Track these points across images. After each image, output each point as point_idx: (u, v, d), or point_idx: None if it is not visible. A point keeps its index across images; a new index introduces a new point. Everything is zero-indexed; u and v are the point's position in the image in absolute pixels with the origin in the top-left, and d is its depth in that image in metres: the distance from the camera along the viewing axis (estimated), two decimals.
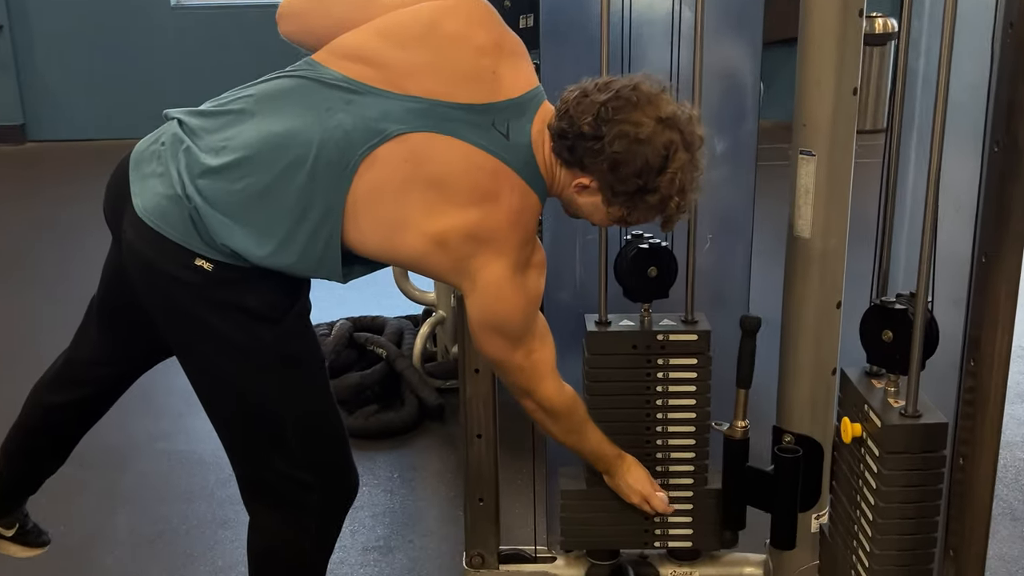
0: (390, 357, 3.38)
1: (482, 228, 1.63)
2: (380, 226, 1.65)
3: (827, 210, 1.74)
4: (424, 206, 1.62)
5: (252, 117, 1.67)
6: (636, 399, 1.98)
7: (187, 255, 1.63)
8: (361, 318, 3.76)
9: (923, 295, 1.57)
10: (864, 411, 1.64)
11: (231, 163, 1.62)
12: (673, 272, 1.96)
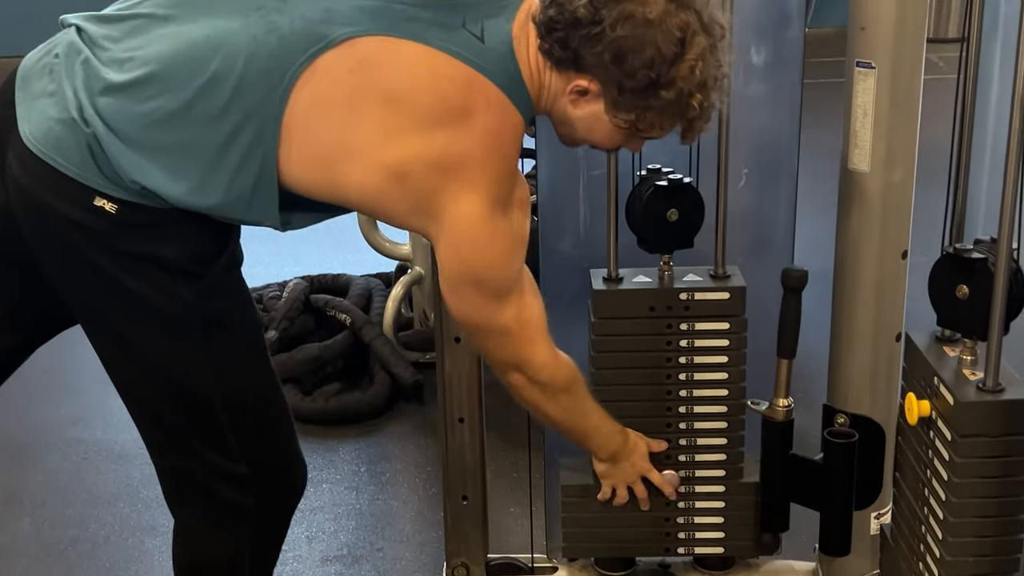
0: (356, 325, 3.38)
1: (450, 154, 1.61)
2: (321, 154, 1.63)
3: (890, 137, 1.75)
4: (377, 128, 1.61)
5: (166, 23, 1.64)
6: (654, 372, 1.98)
7: (86, 193, 1.61)
8: (320, 276, 3.77)
9: (1007, 241, 1.55)
10: (934, 385, 1.63)
11: (138, 79, 1.60)
12: (699, 216, 1.94)
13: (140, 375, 1.77)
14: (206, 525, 1.86)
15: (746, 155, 2.14)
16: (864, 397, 1.86)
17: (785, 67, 2.16)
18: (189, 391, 1.75)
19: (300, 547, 2.65)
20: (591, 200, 2.17)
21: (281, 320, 3.41)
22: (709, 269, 1.98)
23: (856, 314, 1.84)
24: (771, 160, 2.22)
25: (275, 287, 3.78)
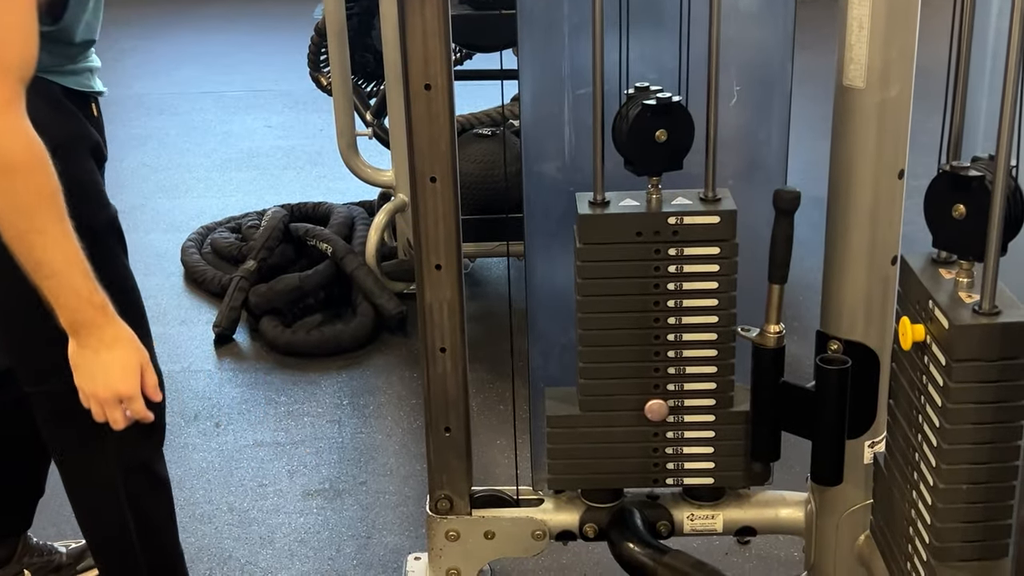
0: (337, 254, 3.40)
1: None
2: None
3: (887, 50, 1.73)
4: None
5: None
6: (641, 300, 1.97)
7: None
8: (301, 205, 3.80)
9: (1005, 158, 1.53)
10: (929, 309, 1.63)
11: None
12: (689, 136, 1.93)
13: None
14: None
15: (737, 73, 2.12)
16: (858, 322, 1.86)
17: None
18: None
19: (281, 481, 2.68)
20: (576, 121, 2.15)
21: (260, 250, 3.43)
22: (699, 192, 1.96)
23: (851, 236, 1.83)
24: (763, 78, 2.20)
25: (254, 215, 3.81)
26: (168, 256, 3.78)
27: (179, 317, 3.45)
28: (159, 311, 3.44)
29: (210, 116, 5.03)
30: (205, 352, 3.27)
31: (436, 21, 1.90)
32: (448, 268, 2.04)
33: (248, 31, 6.29)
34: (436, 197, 2.01)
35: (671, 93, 1.93)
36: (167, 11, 6.49)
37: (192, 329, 3.38)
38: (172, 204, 4.17)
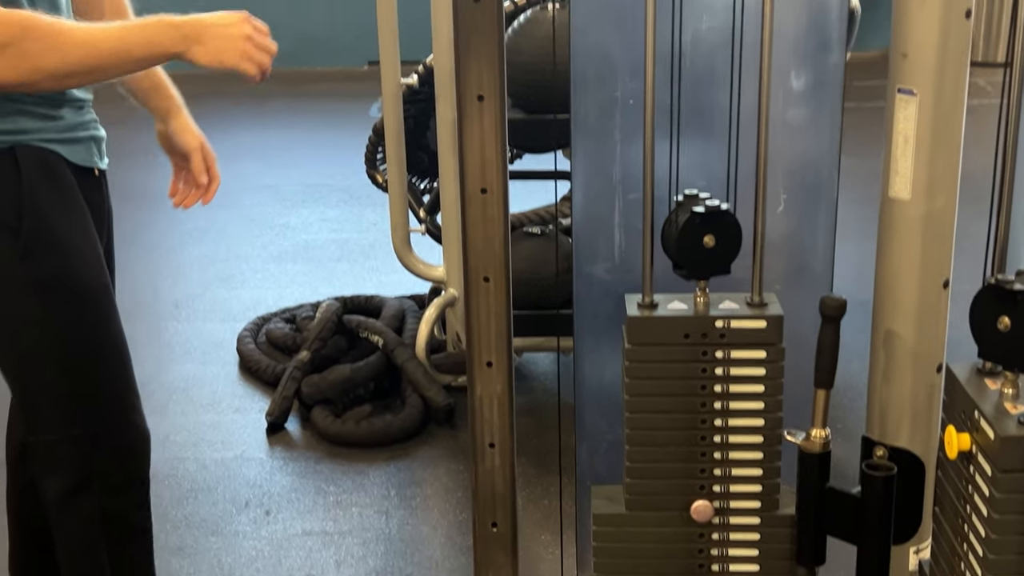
0: (388, 347, 3.41)
1: None
2: None
3: (932, 164, 1.74)
4: None
5: None
6: (688, 401, 1.96)
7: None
8: (354, 297, 3.83)
9: None
10: (975, 419, 1.62)
11: None
12: (736, 241, 1.92)
13: None
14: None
15: (784, 180, 2.14)
16: (903, 429, 1.85)
17: (825, 92, 2.16)
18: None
19: (328, 571, 2.67)
20: (626, 224, 2.18)
21: (313, 341, 3.46)
22: (746, 296, 1.96)
23: (896, 344, 1.83)
24: (810, 185, 2.22)
25: (308, 307, 3.84)
26: (224, 345, 3.80)
27: (233, 405, 3.47)
28: (214, 399, 3.48)
29: (268, 209, 5.09)
30: (257, 440, 3.28)
31: (494, 129, 1.92)
32: (499, 365, 2.04)
33: (305, 128, 6.39)
34: (489, 296, 2.02)
35: (719, 200, 1.93)
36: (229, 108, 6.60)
37: (245, 417, 3.40)
38: (229, 294, 4.21)
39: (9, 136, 1.84)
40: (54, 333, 1.95)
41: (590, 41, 2.17)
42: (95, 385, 2.02)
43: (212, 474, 3.11)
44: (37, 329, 1.94)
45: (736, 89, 1.99)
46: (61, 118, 1.92)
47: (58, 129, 1.91)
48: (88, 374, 2.00)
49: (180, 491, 2.99)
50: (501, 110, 1.93)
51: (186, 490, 3.02)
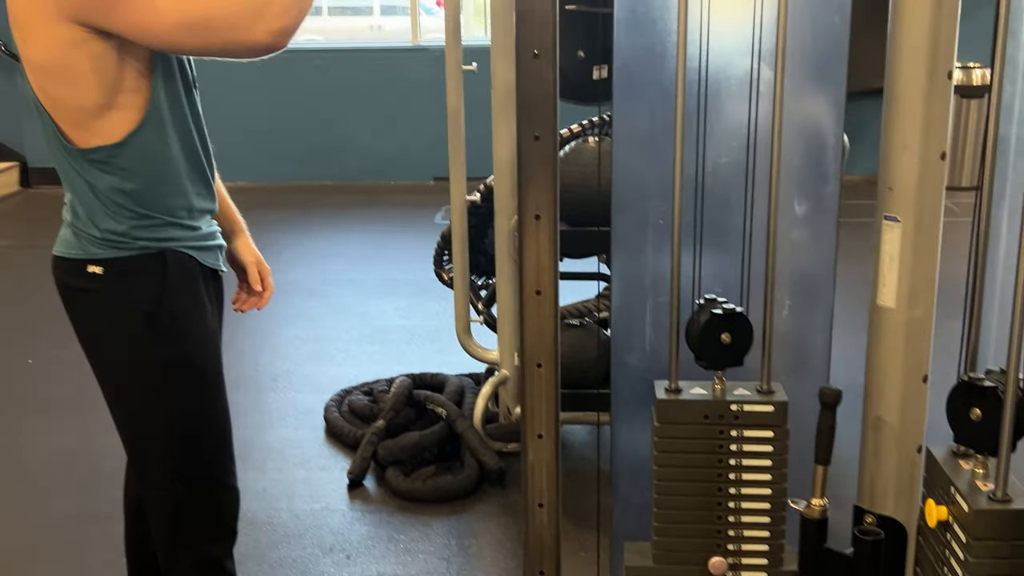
0: (450, 417, 3.41)
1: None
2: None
3: (912, 278, 1.74)
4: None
5: None
6: (707, 472, 1.96)
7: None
8: (421, 375, 3.83)
9: (1015, 371, 1.55)
10: (950, 493, 1.62)
11: None
12: (748, 339, 1.94)
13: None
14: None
15: (789, 288, 2.15)
16: (889, 500, 1.83)
17: (823, 216, 2.18)
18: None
19: None
20: (655, 322, 2.19)
21: (388, 411, 3.46)
22: (756, 384, 1.97)
23: (883, 428, 1.82)
24: (810, 292, 2.23)
25: (384, 383, 3.85)
26: (313, 413, 3.81)
27: (320, 464, 3.47)
28: (304, 458, 3.48)
29: (350, 299, 5.11)
30: (340, 494, 3.27)
31: (548, 242, 1.95)
32: (548, 437, 2.05)
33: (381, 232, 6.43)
34: (541, 379, 2.03)
35: (734, 304, 1.95)
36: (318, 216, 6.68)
37: (330, 474, 3.39)
38: (318, 370, 4.23)
39: (162, 242, 1.89)
40: (171, 406, 1.96)
41: (628, 170, 2.20)
42: (200, 453, 2.02)
43: (302, 522, 3.10)
44: (157, 401, 1.95)
45: (749, 212, 2.01)
46: (199, 228, 1.96)
47: (196, 238, 1.95)
48: (194, 443, 2.01)
49: (275, 536, 3.00)
50: (554, 227, 1.96)
51: (280, 536, 3.03)
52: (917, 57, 1.65)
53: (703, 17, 1.98)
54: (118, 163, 1.81)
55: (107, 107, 1.77)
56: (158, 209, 1.87)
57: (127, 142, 1.80)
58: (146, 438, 1.99)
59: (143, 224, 1.86)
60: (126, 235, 1.86)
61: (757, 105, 2.00)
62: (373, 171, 7.38)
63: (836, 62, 2.11)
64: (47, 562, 2.92)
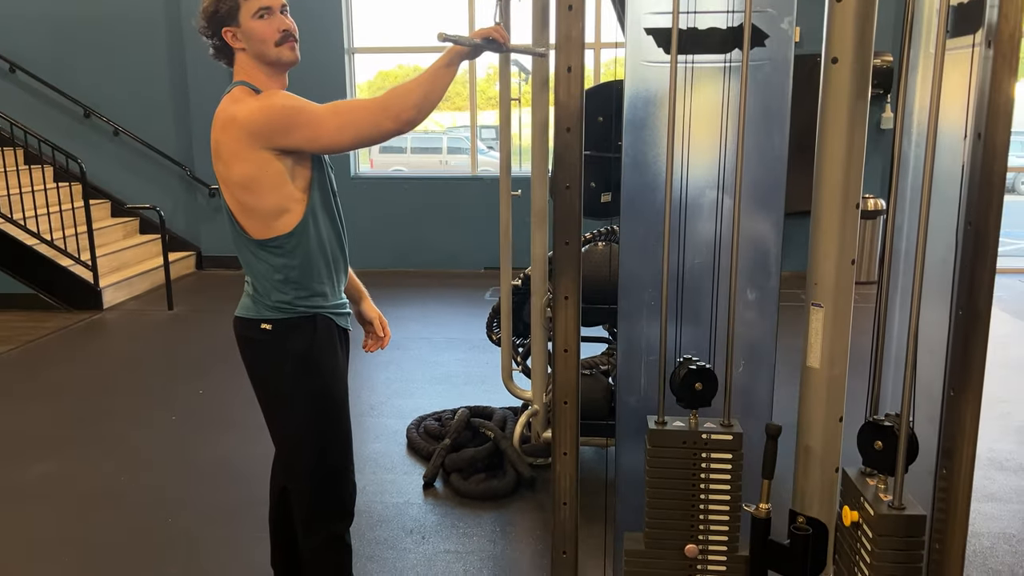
0: (496, 438, 3.41)
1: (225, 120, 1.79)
2: (233, 192, 1.83)
3: (832, 347, 1.75)
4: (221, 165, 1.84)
5: None
6: (685, 482, 1.96)
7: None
8: (476, 407, 3.83)
9: (906, 415, 1.57)
10: (860, 502, 1.62)
11: None
12: (714, 387, 1.96)
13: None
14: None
15: (744, 352, 2.15)
16: (815, 506, 1.82)
17: (767, 301, 2.18)
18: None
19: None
20: (647, 373, 2.19)
21: (452, 433, 3.47)
22: (720, 420, 1.97)
23: (810, 454, 1.81)
24: (758, 355, 2.22)
25: (449, 412, 3.85)
26: (399, 433, 3.80)
27: (403, 470, 3.46)
28: (391, 465, 3.47)
29: (425, 352, 5.11)
30: (417, 492, 3.25)
31: (575, 316, 1.98)
32: (571, 454, 2.04)
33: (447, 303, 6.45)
34: (567, 413, 2.04)
35: (704, 362, 1.96)
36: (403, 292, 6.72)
37: (410, 478, 3.38)
38: (402, 402, 4.22)
39: (312, 308, 1.92)
40: (314, 424, 1.98)
41: (630, 267, 2.21)
42: (331, 455, 2.02)
43: (390, 511, 3.08)
44: (304, 417, 1.96)
45: (715, 298, 2.04)
46: (340, 297, 1.99)
47: (335, 306, 1.98)
48: (328, 448, 2.01)
49: (371, 521, 3.00)
50: (578, 305, 2.00)
51: (375, 520, 3.01)
52: (834, 193, 1.69)
53: (683, 162, 2.04)
54: (286, 248, 1.86)
55: (282, 210, 1.83)
56: (311, 284, 1.90)
57: (292, 233, 1.84)
58: (295, 443, 2.00)
59: (301, 295, 1.90)
60: (289, 303, 1.89)
61: (720, 223, 2.04)
62: (441, 262, 7.47)
63: (776, 193, 2.14)
64: (212, 536, 2.94)
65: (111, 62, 7.11)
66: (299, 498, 2.05)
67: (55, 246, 5.98)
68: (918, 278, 1.53)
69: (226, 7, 1.78)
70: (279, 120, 1.74)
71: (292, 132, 1.74)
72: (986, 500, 3.12)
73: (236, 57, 1.82)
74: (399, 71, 8.95)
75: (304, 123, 1.74)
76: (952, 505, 1.54)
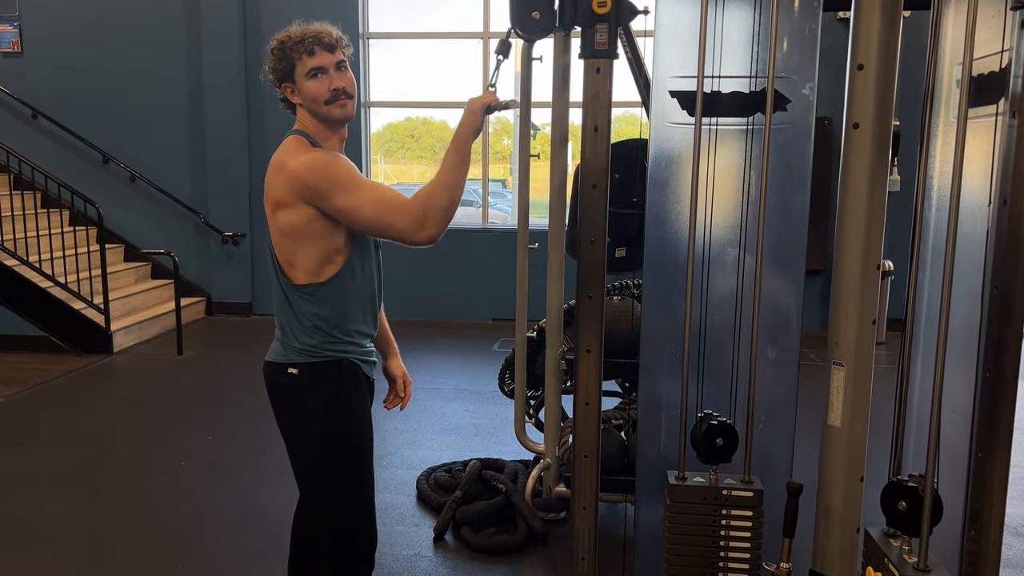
0: (508, 491, 3.38)
1: (277, 169, 1.83)
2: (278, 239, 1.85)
3: (853, 406, 1.76)
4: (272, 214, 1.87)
5: None
6: (705, 539, 1.96)
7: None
8: (488, 459, 3.80)
9: (931, 476, 1.57)
10: (884, 563, 1.62)
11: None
12: (735, 443, 1.97)
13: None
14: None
15: (763, 409, 2.16)
16: (836, 567, 1.81)
17: (787, 359, 2.21)
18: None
19: None
20: (669, 429, 2.20)
21: (464, 484, 3.43)
22: (740, 476, 1.99)
23: (831, 514, 1.81)
24: (778, 412, 2.23)
25: (460, 463, 3.82)
26: (408, 484, 3.77)
27: (413, 521, 3.42)
28: (402, 517, 3.43)
29: (434, 403, 5.08)
30: (427, 544, 3.21)
31: (596, 368, 2.00)
32: (590, 508, 2.06)
33: (455, 354, 6.44)
34: (587, 467, 2.05)
35: (725, 417, 1.99)
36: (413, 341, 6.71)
37: (420, 529, 3.34)
38: (411, 453, 4.18)
39: (340, 353, 1.93)
40: (340, 468, 1.95)
41: (652, 321, 2.23)
42: (354, 501, 2.00)
43: (401, 564, 3.04)
44: (331, 465, 1.94)
45: (736, 356, 2.06)
46: (364, 346, 2.00)
47: (362, 354, 2.00)
48: (353, 494, 1.99)
49: (380, 573, 2.95)
50: (600, 358, 2.02)
51: (385, 572, 2.97)
52: (856, 254, 1.73)
53: (706, 218, 2.08)
54: (319, 296, 1.88)
55: (323, 260, 1.86)
56: (340, 330, 1.92)
57: (328, 283, 1.87)
58: (320, 487, 1.98)
59: (329, 340, 1.91)
60: (317, 347, 1.91)
61: (742, 280, 2.07)
62: (450, 312, 7.49)
63: (797, 253, 2.18)
64: None
65: (131, 112, 7.26)
66: (322, 545, 2.03)
67: (68, 289, 6.03)
68: (942, 339, 1.55)
69: (283, 66, 1.86)
70: (321, 185, 1.79)
71: (329, 200, 1.80)
72: (1003, 566, 3.08)
73: (296, 108, 1.88)
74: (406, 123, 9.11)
75: (342, 199, 1.79)
76: (981, 568, 1.53)
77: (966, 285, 1.66)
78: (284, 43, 1.84)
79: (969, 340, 1.64)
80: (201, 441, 4.28)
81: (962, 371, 1.70)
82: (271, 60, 1.86)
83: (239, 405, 4.84)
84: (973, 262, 1.65)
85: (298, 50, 1.82)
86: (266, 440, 4.15)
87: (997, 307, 1.50)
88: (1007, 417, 1.47)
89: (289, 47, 1.83)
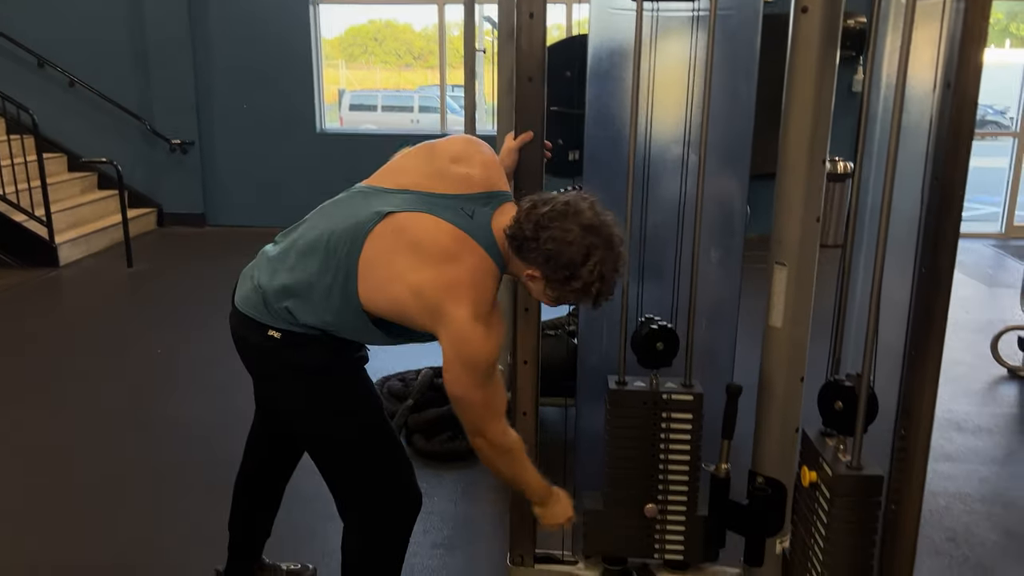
0: None
1: (447, 279, 1.58)
2: (379, 281, 1.62)
3: (795, 307, 1.74)
4: (407, 264, 1.60)
5: (306, 225, 1.77)
6: (645, 442, 1.96)
7: (262, 328, 1.69)
8: (440, 367, 3.77)
9: (866, 376, 1.55)
10: (819, 462, 1.62)
11: (283, 252, 1.74)
12: (676, 347, 1.95)
13: (303, 438, 1.86)
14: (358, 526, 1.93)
15: (706, 312, 2.14)
16: (774, 466, 1.83)
17: (731, 260, 2.19)
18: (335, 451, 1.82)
19: (417, 537, 2.60)
20: (610, 334, 2.18)
21: (416, 392, 3.42)
22: (681, 380, 1.97)
23: (770, 414, 1.81)
24: (721, 316, 2.22)
25: (413, 372, 3.81)
26: None
27: None
28: None
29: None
30: None
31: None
32: (530, 415, 2.04)
33: None
34: (527, 373, 2.02)
35: (666, 321, 1.96)
36: None
37: None
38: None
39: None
40: (358, 436, 1.83)
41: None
42: (385, 458, 1.87)
43: None
44: (349, 434, 1.81)
45: (678, 256, 2.01)
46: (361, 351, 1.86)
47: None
48: (382, 450, 1.87)
49: None
50: None
51: None
52: (801, 146, 1.66)
53: (648, 116, 1.99)
54: (345, 318, 1.67)
55: (383, 308, 1.66)
56: (333, 339, 1.73)
57: (366, 316, 1.67)
58: (342, 471, 1.86)
59: (328, 336, 1.72)
60: (307, 327, 1.71)
61: (685, 181, 2.00)
62: None
63: (742, 152, 2.11)
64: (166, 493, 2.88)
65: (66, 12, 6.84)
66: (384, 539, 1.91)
67: (7, 200, 5.79)
68: (883, 236, 1.50)
69: (567, 275, 1.60)
70: (462, 354, 1.59)
71: (433, 326, 1.62)
72: (943, 460, 3.16)
73: (513, 247, 1.64)
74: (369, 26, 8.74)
75: (448, 346, 1.60)
76: (910, 465, 1.54)
77: (912, 181, 1.60)
78: (604, 275, 1.59)
79: (912, 238, 1.60)
80: (149, 355, 4.21)
81: (904, 270, 1.66)
82: (569, 254, 1.57)
83: (187, 318, 4.75)
84: (919, 155, 1.59)
85: (591, 290, 1.60)
86: (216, 354, 4.08)
87: (937, 200, 1.44)
88: (940, 314, 1.43)
89: (590, 281, 1.59)
